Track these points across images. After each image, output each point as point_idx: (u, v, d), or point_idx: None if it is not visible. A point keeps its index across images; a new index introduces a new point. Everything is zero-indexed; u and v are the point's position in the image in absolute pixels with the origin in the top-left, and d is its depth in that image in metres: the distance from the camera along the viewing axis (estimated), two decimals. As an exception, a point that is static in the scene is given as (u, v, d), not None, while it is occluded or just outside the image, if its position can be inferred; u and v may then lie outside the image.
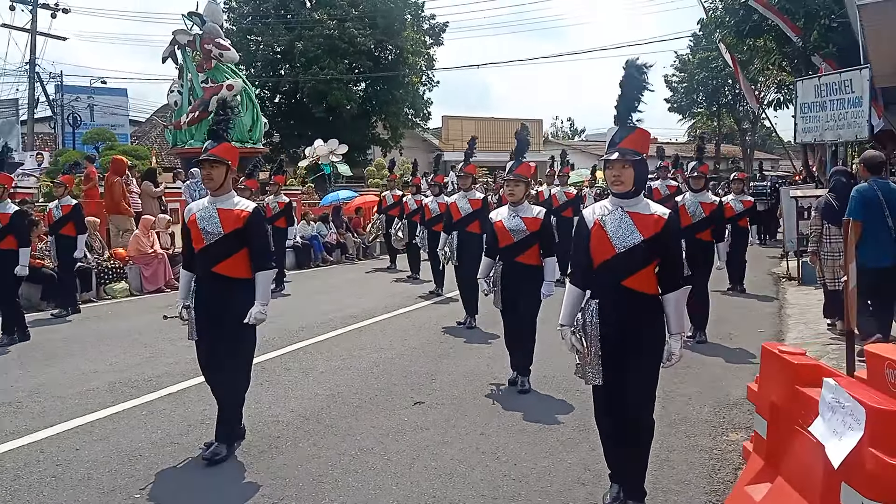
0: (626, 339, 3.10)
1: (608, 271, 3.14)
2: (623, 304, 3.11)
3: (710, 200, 6.91)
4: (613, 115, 3.17)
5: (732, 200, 10.21)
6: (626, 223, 3.10)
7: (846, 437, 2.05)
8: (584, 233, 3.24)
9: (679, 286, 3.12)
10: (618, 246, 3.10)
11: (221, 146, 4.16)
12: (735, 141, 46.70)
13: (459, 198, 7.79)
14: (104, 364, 6.43)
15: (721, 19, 16.27)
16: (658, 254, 3.09)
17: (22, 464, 4.08)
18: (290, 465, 4.05)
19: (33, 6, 23.41)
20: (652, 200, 3.43)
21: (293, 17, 30.50)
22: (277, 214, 11.22)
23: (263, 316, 4.06)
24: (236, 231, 4.06)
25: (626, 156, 3.07)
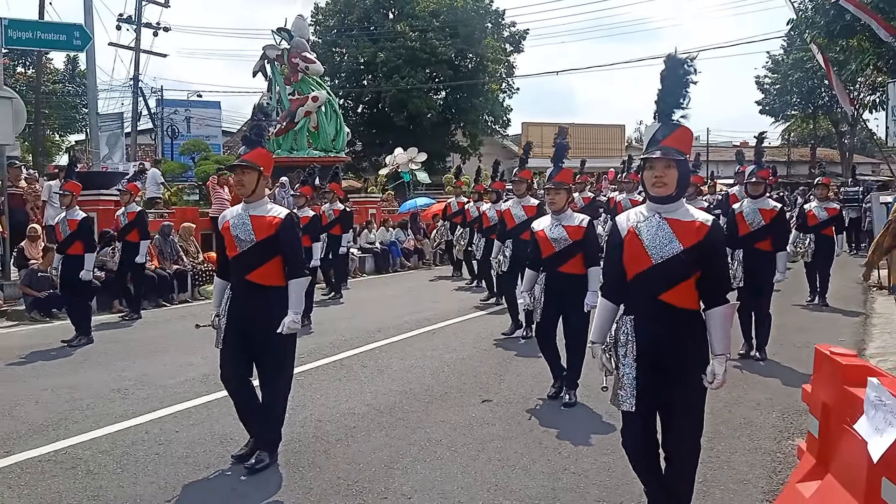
0: (665, 360, 2.80)
1: (644, 284, 2.84)
2: (661, 321, 2.80)
3: (770, 207, 6.46)
4: (654, 112, 2.95)
5: (816, 207, 9.60)
6: (665, 231, 2.80)
7: (887, 433, 2.11)
8: (617, 241, 2.95)
9: (724, 301, 2.80)
10: (654, 256, 2.80)
11: (254, 152, 4.11)
12: (833, 144, 44.40)
13: (513, 204, 7.53)
14: (199, 358, 6.97)
15: (811, 19, 15.66)
16: (700, 265, 2.78)
17: (129, 442, 4.56)
18: (364, 453, 4.33)
19: (137, 26, 25.24)
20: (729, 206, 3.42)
21: (376, 29, 31.49)
22: (333, 222, 11.29)
23: (297, 325, 3.98)
24: (268, 238, 3.98)
25: (669, 154, 2.76)
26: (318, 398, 5.54)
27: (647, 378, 2.82)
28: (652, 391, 2.81)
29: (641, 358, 2.82)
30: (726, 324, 2.80)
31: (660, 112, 2.89)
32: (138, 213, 9.46)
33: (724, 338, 2.79)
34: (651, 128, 2.90)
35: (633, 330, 2.85)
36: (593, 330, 3.08)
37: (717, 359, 2.77)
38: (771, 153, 45.15)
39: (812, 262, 9.50)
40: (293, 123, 18.85)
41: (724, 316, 2.80)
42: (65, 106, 31.04)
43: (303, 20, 20.33)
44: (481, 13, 32.23)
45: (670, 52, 2.90)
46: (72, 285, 7.82)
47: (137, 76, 25.39)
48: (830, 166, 41.15)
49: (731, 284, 6.16)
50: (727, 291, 2.87)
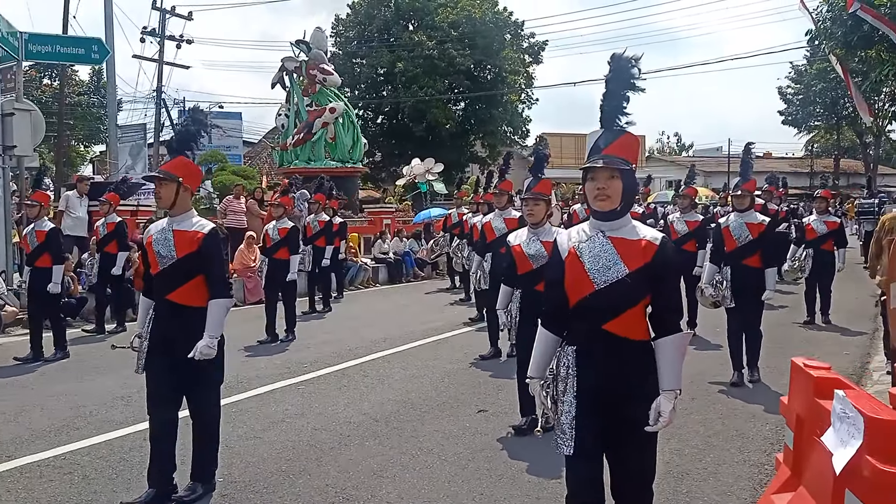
0: (610, 397, 2.49)
1: (586, 312, 2.51)
2: (605, 353, 2.48)
3: (757, 221, 6.09)
4: (599, 118, 2.63)
5: (815, 221, 9.17)
6: (608, 252, 2.48)
7: (850, 445, 2.10)
8: (557, 264, 2.62)
9: (675, 329, 2.51)
10: (597, 281, 2.48)
11: (174, 161, 3.80)
12: (857, 156, 43.77)
13: (495, 217, 7.16)
14: (205, 365, 7.07)
15: (829, 30, 15.51)
16: (649, 290, 2.48)
17: (127, 448, 4.64)
18: (355, 461, 4.37)
19: (161, 38, 25.76)
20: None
21: (395, 40, 31.81)
22: (317, 234, 11.05)
23: (211, 351, 3.62)
24: (190, 255, 3.68)
25: (613, 164, 2.46)
26: (316, 407, 5.59)
27: (589, 417, 2.49)
28: (595, 432, 2.48)
29: (583, 395, 2.50)
30: (678, 355, 2.49)
31: (603, 116, 2.59)
32: (118, 223, 9.15)
33: (674, 371, 2.47)
34: (593, 134, 2.58)
35: (575, 363, 2.53)
36: (531, 364, 2.73)
37: (665, 395, 2.44)
38: (794, 164, 44.76)
39: (811, 279, 9.09)
40: (311, 134, 19.11)
41: (676, 346, 2.49)
42: (89, 117, 31.73)
43: (321, 32, 20.61)
44: (500, 25, 32.40)
45: (615, 52, 2.61)
46: (41, 298, 7.50)
47: (160, 88, 25.90)
48: (854, 177, 40.58)
49: (725, 303, 6.06)
50: (679, 318, 2.58)
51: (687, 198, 8.50)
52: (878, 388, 5.37)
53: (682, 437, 4.70)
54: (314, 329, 9.34)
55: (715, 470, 4.04)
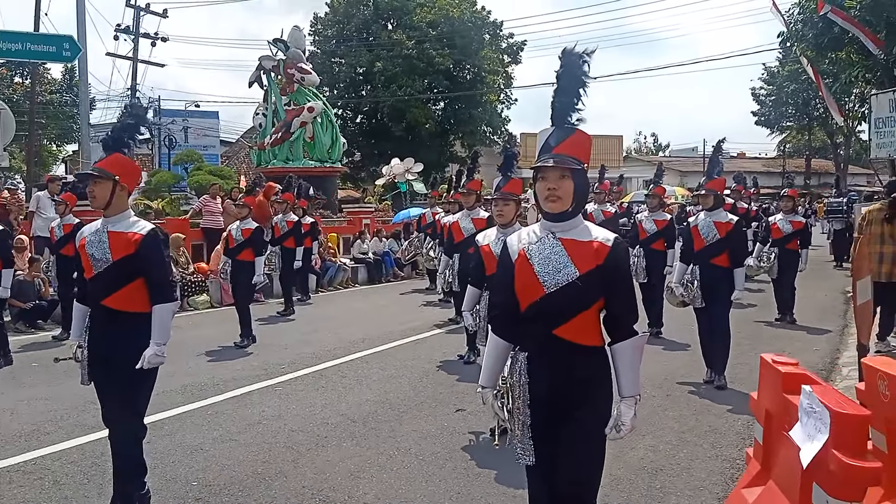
0: (562, 406, 2.41)
1: (537, 317, 2.42)
2: (557, 360, 2.40)
3: (725, 220, 6.01)
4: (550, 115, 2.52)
5: (780, 220, 9.21)
6: (559, 254, 2.40)
7: (816, 439, 2.14)
8: (507, 266, 2.52)
9: (631, 333, 2.43)
10: (547, 284, 2.39)
11: (109, 158, 3.54)
12: (828, 155, 44.58)
13: (462, 217, 7.06)
14: (180, 369, 6.98)
15: (800, 33, 15.79)
16: (602, 293, 2.39)
17: (99, 453, 4.56)
18: (332, 462, 4.35)
19: (135, 36, 25.42)
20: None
21: (374, 40, 31.72)
22: (286, 234, 10.81)
23: (160, 359, 3.43)
24: (127, 258, 3.44)
25: (564, 163, 2.37)
26: (293, 408, 5.56)
27: (544, 426, 2.42)
28: (551, 440, 2.42)
29: (536, 403, 2.41)
30: (635, 360, 2.43)
31: (554, 114, 2.48)
32: (74, 225, 8.30)
33: (633, 376, 2.42)
34: (543, 133, 2.47)
35: (527, 370, 2.43)
36: (482, 373, 2.61)
37: (625, 402, 2.39)
38: (767, 164, 45.46)
39: (778, 279, 9.20)
40: (289, 134, 18.99)
41: (634, 350, 2.42)
42: (61, 116, 31.20)
43: (299, 31, 20.48)
44: (479, 24, 32.48)
45: (566, 47, 2.47)
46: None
47: (135, 86, 25.56)
48: (825, 177, 41.31)
49: (696, 303, 6.02)
50: (634, 321, 2.48)
51: (655, 197, 8.45)
52: (846, 383, 5.48)
53: (656, 433, 4.76)
54: (292, 330, 9.29)
55: (688, 465, 4.11)
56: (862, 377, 2.87)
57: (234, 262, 8.41)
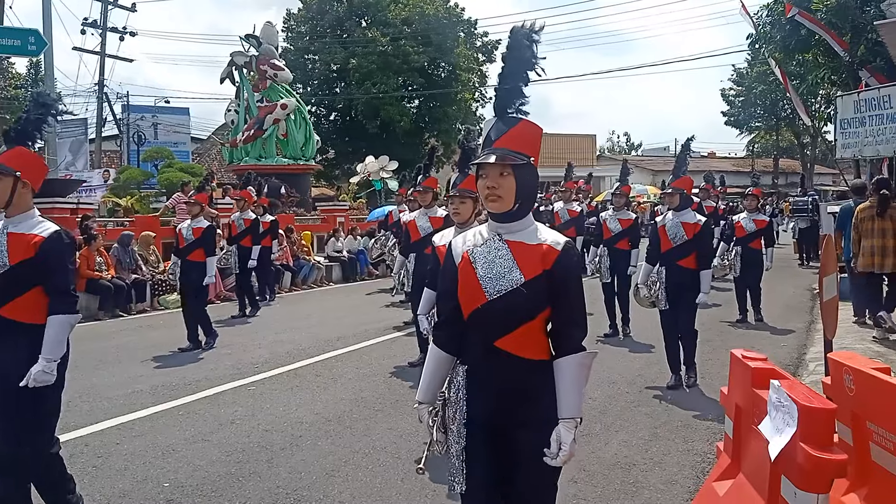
0: (504, 426, 2.19)
1: (478, 326, 2.21)
2: (497, 375, 2.18)
3: (693, 220, 5.80)
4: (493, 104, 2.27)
5: (744, 219, 9.07)
6: (504, 257, 2.18)
7: (784, 433, 2.19)
8: (451, 270, 2.29)
9: (577, 348, 2.18)
10: (489, 290, 2.17)
11: (11, 152, 3.23)
12: (795, 155, 45.49)
13: (419, 215, 6.76)
14: (150, 369, 6.90)
15: (768, 34, 16.09)
16: (548, 301, 2.17)
17: (68, 455, 4.44)
18: (308, 461, 4.33)
19: (103, 30, 24.95)
20: None
21: (349, 36, 31.54)
22: (243, 233, 10.39)
23: (47, 377, 3.07)
24: (26, 262, 3.12)
25: (505, 158, 2.14)
26: (267, 408, 5.52)
27: (481, 448, 2.19)
28: (488, 464, 2.19)
29: (473, 423, 2.19)
30: (579, 378, 2.18)
31: (496, 103, 2.23)
32: None
33: (575, 396, 2.15)
34: (486, 124, 2.24)
35: (465, 385, 2.21)
36: (420, 387, 2.39)
37: (564, 424, 2.12)
38: (737, 164, 46.24)
39: (741, 278, 9.02)
40: (261, 131, 18.84)
41: (578, 368, 2.17)
42: (27, 112, 30.46)
43: (271, 27, 20.31)
44: (453, 22, 32.49)
45: (515, 26, 2.21)
46: None
47: (102, 81, 25.11)
48: (792, 176, 42.15)
49: (659, 305, 5.89)
50: (582, 335, 2.22)
51: (621, 196, 8.32)
52: (813, 377, 5.60)
53: (629, 429, 4.82)
54: (266, 329, 9.21)
55: (661, 460, 4.18)
56: (828, 372, 2.94)
57: (184, 263, 7.92)
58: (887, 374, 2.49)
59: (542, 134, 2.26)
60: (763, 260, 8.95)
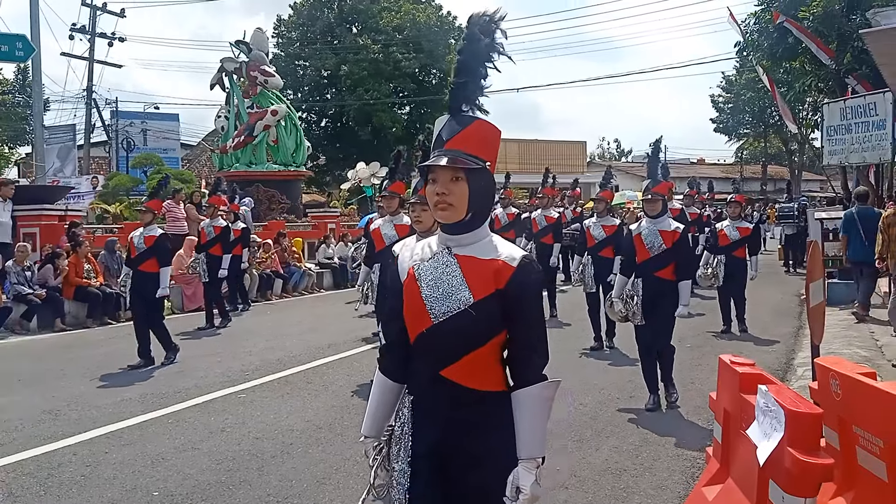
0: (453, 467, 1.93)
1: (424, 352, 1.96)
2: (446, 409, 1.92)
3: (671, 228, 5.41)
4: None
5: (727, 227, 8.74)
6: (452, 274, 1.92)
7: (772, 437, 2.22)
8: (396, 287, 2.04)
9: (536, 378, 1.91)
10: (434, 312, 1.91)
11: None
12: (783, 162, 45.88)
13: (384, 223, 6.47)
14: (139, 377, 6.85)
15: (756, 42, 16.27)
16: (502, 325, 1.91)
17: (56, 464, 4.45)
18: (298, 469, 4.31)
19: (91, 36, 24.85)
20: None
21: (339, 43, 31.58)
22: (212, 241, 9.95)
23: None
24: None
25: (457, 161, 1.88)
26: (258, 415, 5.49)
27: (426, 489, 1.93)
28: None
29: (419, 461, 1.95)
30: (541, 411, 1.91)
31: (450, 98, 1.98)
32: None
33: (535, 433, 1.89)
34: (438, 122, 1.99)
35: (411, 419, 1.97)
36: (365, 419, 2.13)
37: (524, 465, 1.86)
38: (725, 170, 46.56)
39: (724, 287, 8.69)
40: (252, 137, 18.78)
41: (538, 401, 1.91)
42: (14, 117, 30.30)
43: (262, 33, 20.28)
44: (444, 29, 32.63)
45: (473, 14, 1.95)
46: None
47: (91, 87, 25.01)
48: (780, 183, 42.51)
49: (635, 319, 5.48)
50: (543, 363, 1.94)
51: (602, 201, 7.96)
52: (801, 383, 5.64)
53: (619, 435, 4.85)
54: (256, 336, 9.17)
55: (651, 465, 4.20)
56: (815, 377, 2.97)
57: (136, 274, 7.44)
58: (873, 378, 2.53)
59: (501, 136, 2.01)
60: (748, 269, 8.70)
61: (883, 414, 2.29)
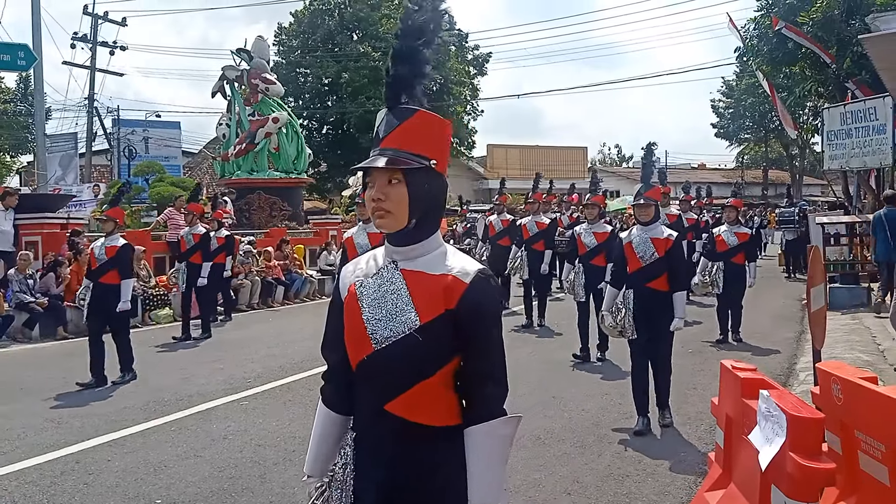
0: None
1: (366, 382, 1.70)
2: (390, 448, 1.67)
3: (664, 236, 5.06)
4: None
5: (725, 232, 8.36)
6: (397, 292, 1.66)
7: (774, 442, 2.22)
8: (336, 307, 1.80)
9: (494, 413, 1.63)
10: (376, 336, 1.65)
11: None
12: (784, 167, 45.92)
13: (357, 232, 6.29)
14: (142, 385, 6.85)
15: (756, 48, 16.30)
16: (454, 351, 1.64)
17: (59, 472, 4.45)
18: (300, 476, 4.24)
19: (93, 44, 24.96)
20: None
21: (340, 50, 31.71)
22: (192, 249, 9.57)
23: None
24: None
25: (397, 161, 1.62)
26: (260, 422, 5.49)
27: None
28: None
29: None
30: (498, 451, 1.65)
31: (388, 89, 1.69)
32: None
33: (490, 476, 1.63)
34: (378, 117, 1.72)
35: (353, 459, 1.73)
36: (307, 456, 1.90)
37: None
38: (726, 175, 46.62)
39: (723, 294, 8.35)
40: (253, 145, 18.83)
41: (494, 440, 1.63)
42: (16, 126, 30.41)
43: (263, 41, 20.38)
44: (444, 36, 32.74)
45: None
46: None
47: (92, 95, 25.11)
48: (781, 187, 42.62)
49: (626, 333, 5.12)
50: (501, 394, 1.65)
51: (594, 207, 7.59)
52: (803, 387, 5.64)
53: (622, 440, 4.84)
54: (258, 343, 9.17)
55: (653, 471, 4.21)
56: (817, 382, 2.97)
57: (96, 287, 6.96)
58: (875, 383, 2.53)
59: (451, 129, 1.74)
60: (746, 275, 8.36)
61: (885, 418, 2.29)
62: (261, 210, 17.92)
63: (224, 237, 10.53)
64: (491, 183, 33.36)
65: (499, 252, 10.02)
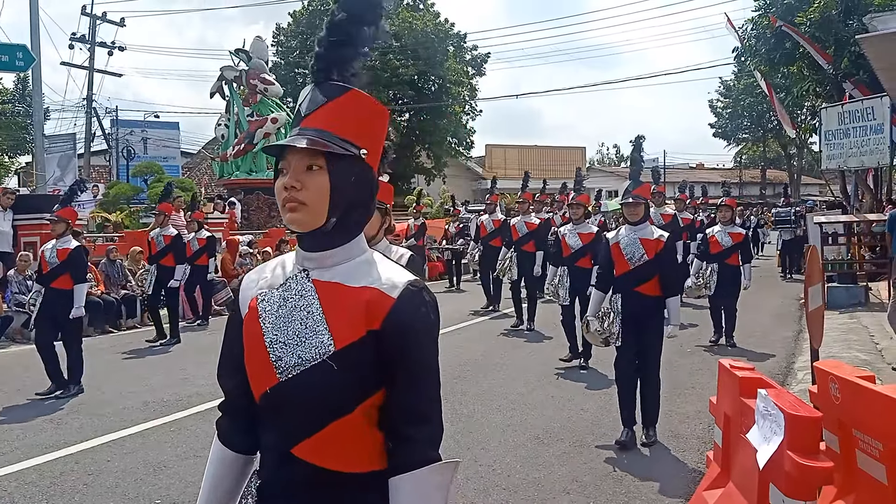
0: None
1: (270, 420, 1.37)
2: (300, 498, 1.35)
3: (654, 236, 4.71)
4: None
5: (719, 233, 8.06)
6: (307, 310, 1.34)
7: (772, 441, 2.23)
8: (235, 326, 1.46)
9: (425, 459, 1.29)
10: (281, 364, 1.32)
11: None
12: (782, 166, 46.02)
13: None
14: (141, 385, 6.85)
15: (754, 48, 16.34)
16: (377, 382, 1.31)
17: (58, 473, 4.46)
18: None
19: (91, 45, 24.95)
20: None
21: (338, 51, 31.65)
22: (163, 251, 9.22)
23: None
24: None
25: (317, 143, 1.30)
26: (259, 422, 5.49)
27: None
28: None
29: None
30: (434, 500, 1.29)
31: (315, 63, 1.37)
32: None
33: None
34: (302, 94, 1.39)
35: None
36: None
37: None
38: (725, 175, 46.69)
39: (716, 296, 8.08)
40: (252, 145, 18.83)
41: (427, 489, 1.29)
42: (14, 126, 30.37)
43: (261, 41, 20.38)
44: (442, 36, 32.76)
45: None
46: None
47: (91, 96, 25.08)
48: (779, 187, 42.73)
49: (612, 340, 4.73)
50: (433, 435, 1.34)
51: (580, 206, 7.28)
52: (801, 386, 5.65)
53: (621, 440, 4.85)
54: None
55: (652, 470, 4.23)
56: (815, 380, 2.99)
57: (47, 291, 6.57)
58: (872, 382, 2.54)
59: (388, 118, 1.48)
60: (741, 277, 8.06)
61: (882, 417, 2.30)
62: (260, 210, 17.92)
63: (205, 238, 10.33)
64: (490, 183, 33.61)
65: (491, 252, 9.99)
